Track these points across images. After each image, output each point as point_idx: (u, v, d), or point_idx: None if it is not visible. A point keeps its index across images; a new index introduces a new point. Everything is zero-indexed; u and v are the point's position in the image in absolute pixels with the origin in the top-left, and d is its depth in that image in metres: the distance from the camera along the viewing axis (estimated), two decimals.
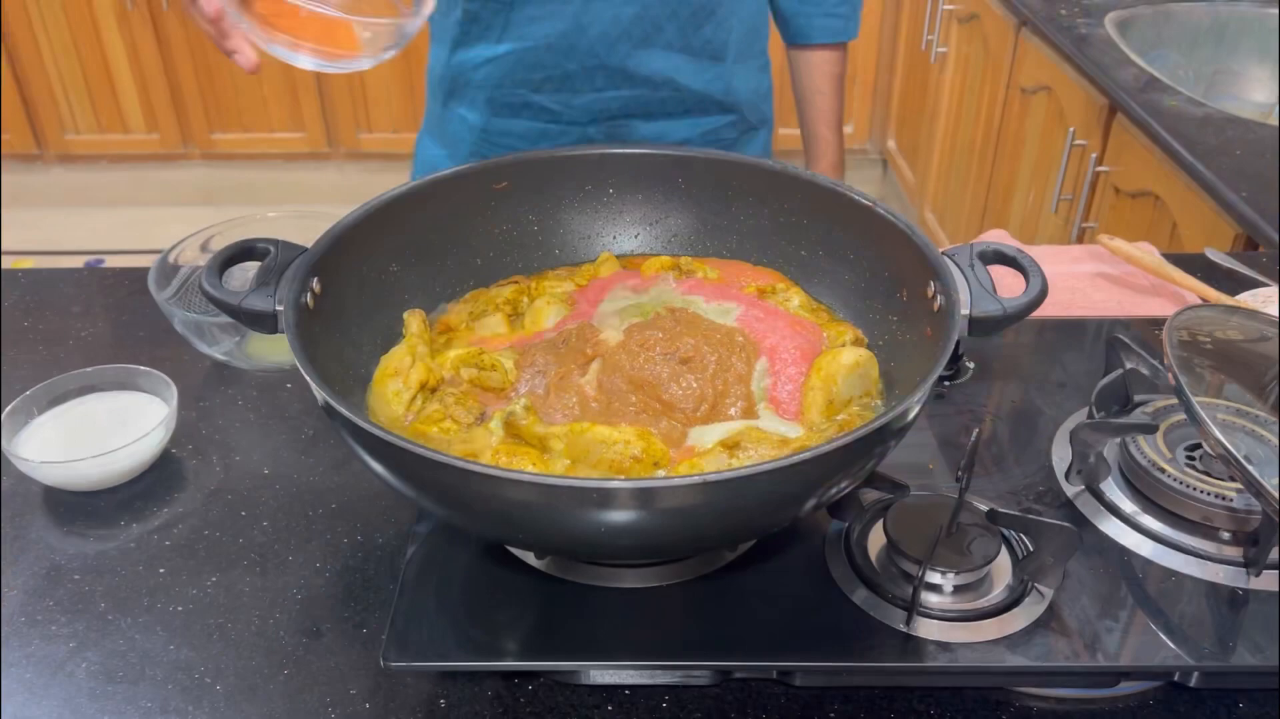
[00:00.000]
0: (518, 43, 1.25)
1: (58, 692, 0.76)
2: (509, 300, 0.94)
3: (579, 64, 1.25)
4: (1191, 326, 0.89)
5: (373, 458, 0.69)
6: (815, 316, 0.93)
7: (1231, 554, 0.81)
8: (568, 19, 1.22)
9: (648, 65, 1.26)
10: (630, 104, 1.29)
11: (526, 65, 1.26)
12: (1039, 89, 2.21)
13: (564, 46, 1.23)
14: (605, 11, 1.21)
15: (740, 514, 0.67)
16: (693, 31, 1.26)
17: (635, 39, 1.24)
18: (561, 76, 1.26)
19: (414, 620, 0.76)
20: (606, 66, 1.25)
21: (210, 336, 1.06)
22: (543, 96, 1.28)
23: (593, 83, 1.26)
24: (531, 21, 1.23)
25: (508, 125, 1.31)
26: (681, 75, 1.28)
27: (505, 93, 1.29)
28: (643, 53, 1.25)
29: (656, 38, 1.24)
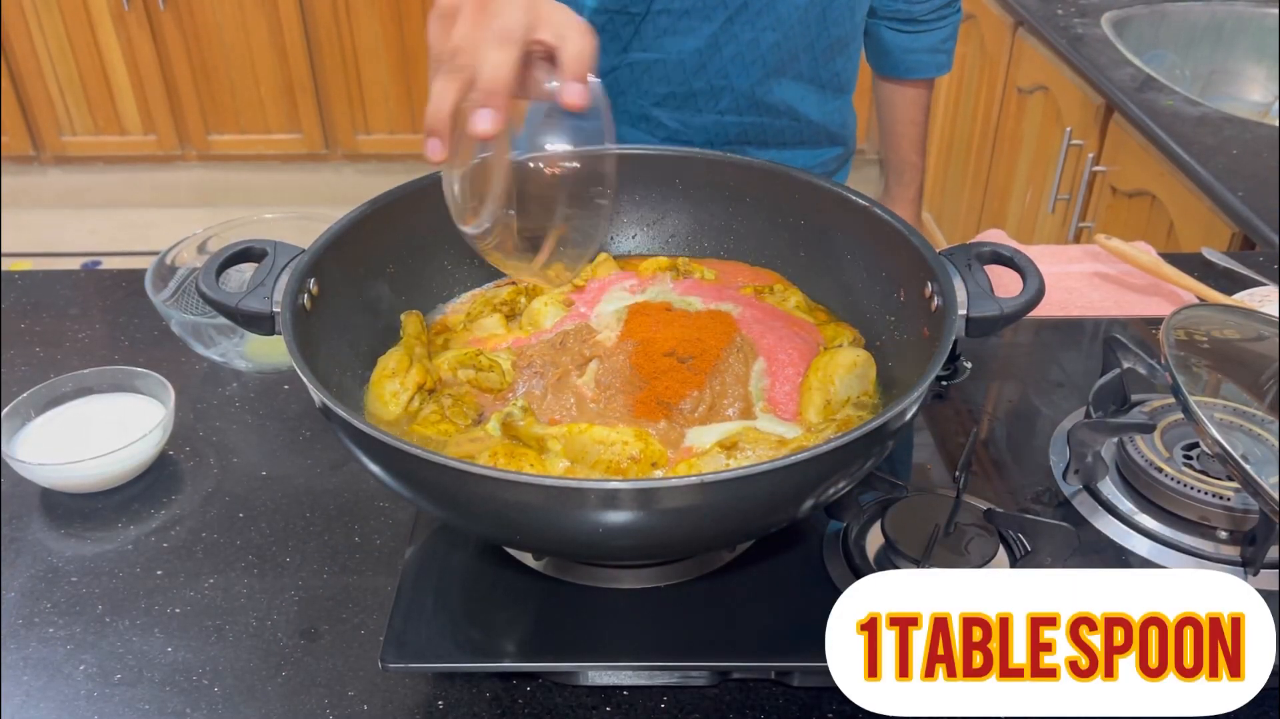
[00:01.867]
0: (645, 54, 1.21)
1: (55, 694, 0.76)
2: (506, 301, 0.94)
3: (707, 83, 1.22)
4: (1189, 326, 0.89)
5: (370, 459, 0.69)
6: (813, 317, 0.93)
7: (1229, 553, 0.81)
8: (704, 37, 1.18)
9: (775, 93, 1.24)
10: (749, 130, 1.27)
11: (652, 78, 1.22)
12: (1036, 89, 2.21)
13: (694, 64, 1.20)
14: (744, 34, 1.18)
15: (738, 515, 0.67)
16: (824, 64, 1.24)
17: (769, 66, 1.21)
18: (685, 94, 1.23)
19: (412, 622, 0.76)
20: (734, 89, 1.22)
21: (207, 338, 1.06)
22: (663, 112, 1.25)
23: (716, 104, 1.24)
24: (663, 35, 1.19)
25: (621, 135, 1.27)
26: (804, 106, 1.27)
27: (626, 102, 1.25)
28: (773, 80, 1.23)
29: (790, 67, 1.22)
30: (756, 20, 1.18)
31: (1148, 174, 1.72)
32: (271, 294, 0.76)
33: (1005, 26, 2.35)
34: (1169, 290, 1.20)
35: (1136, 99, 1.76)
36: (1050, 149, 2.14)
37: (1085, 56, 1.94)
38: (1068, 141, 1.99)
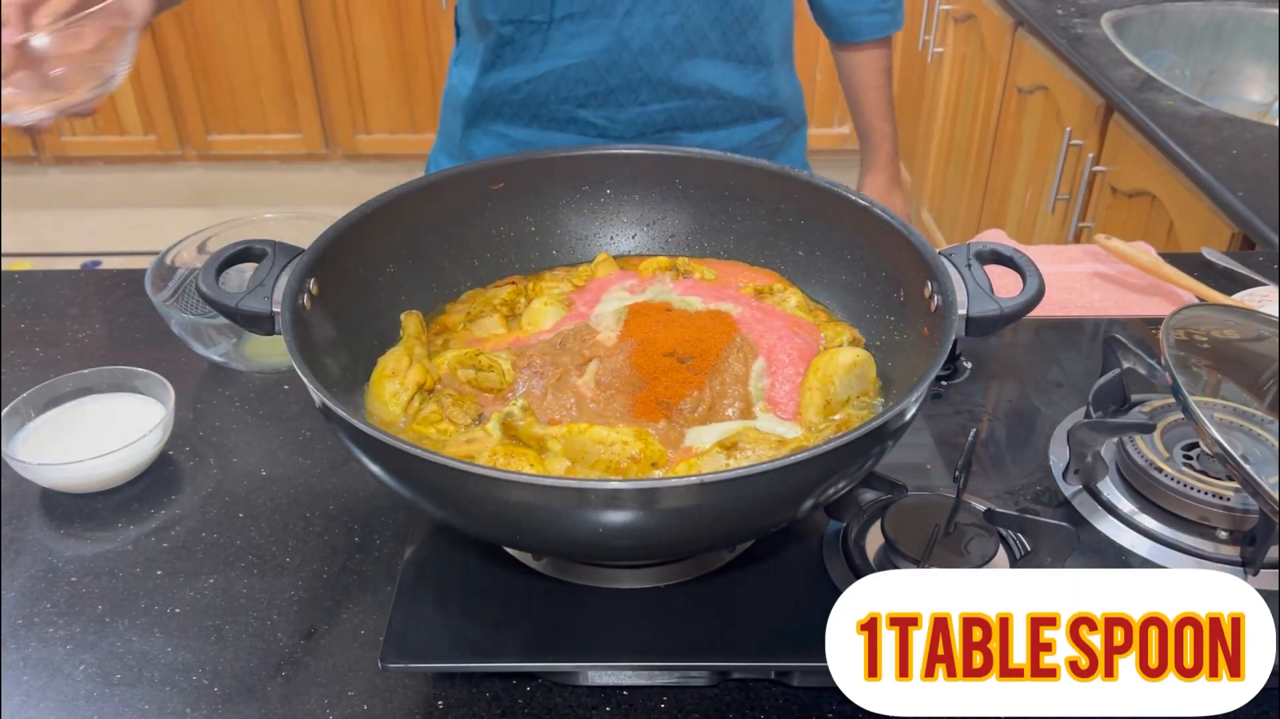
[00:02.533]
0: (557, 61, 1.23)
1: (55, 694, 0.76)
2: (506, 301, 0.94)
3: (622, 78, 1.23)
4: (1188, 326, 0.89)
5: (370, 459, 0.69)
6: (813, 317, 0.93)
7: (1229, 553, 0.81)
8: (609, 34, 1.20)
9: (692, 75, 1.25)
10: (676, 115, 1.28)
11: (569, 82, 1.24)
12: (1036, 89, 2.21)
13: (606, 62, 1.22)
14: (646, 24, 1.20)
15: (738, 515, 0.67)
16: (736, 38, 1.25)
17: (679, 49, 1.22)
18: (605, 92, 1.25)
19: (412, 622, 0.76)
20: (650, 79, 1.24)
21: (207, 338, 1.06)
22: (588, 112, 1.26)
23: (637, 96, 1.25)
24: (571, 39, 1.21)
25: (552, 139, 1.30)
26: (726, 82, 1.27)
27: (550, 109, 1.27)
28: (687, 63, 1.24)
29: (700, 46, 1.23)
30: (655, 7, 1.19)
31: (1148, 174, 1.72)
32: (271, 294, 0.76)
33: (1005, 26, 2.35)
34: (1169, 290, 1.20)
35: (1136, 99, 1.76)
36: (1050, 149, 2.14)
37: (1085, 56, 1.94)
38: (1068, 141, 1.99)
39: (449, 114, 1.38)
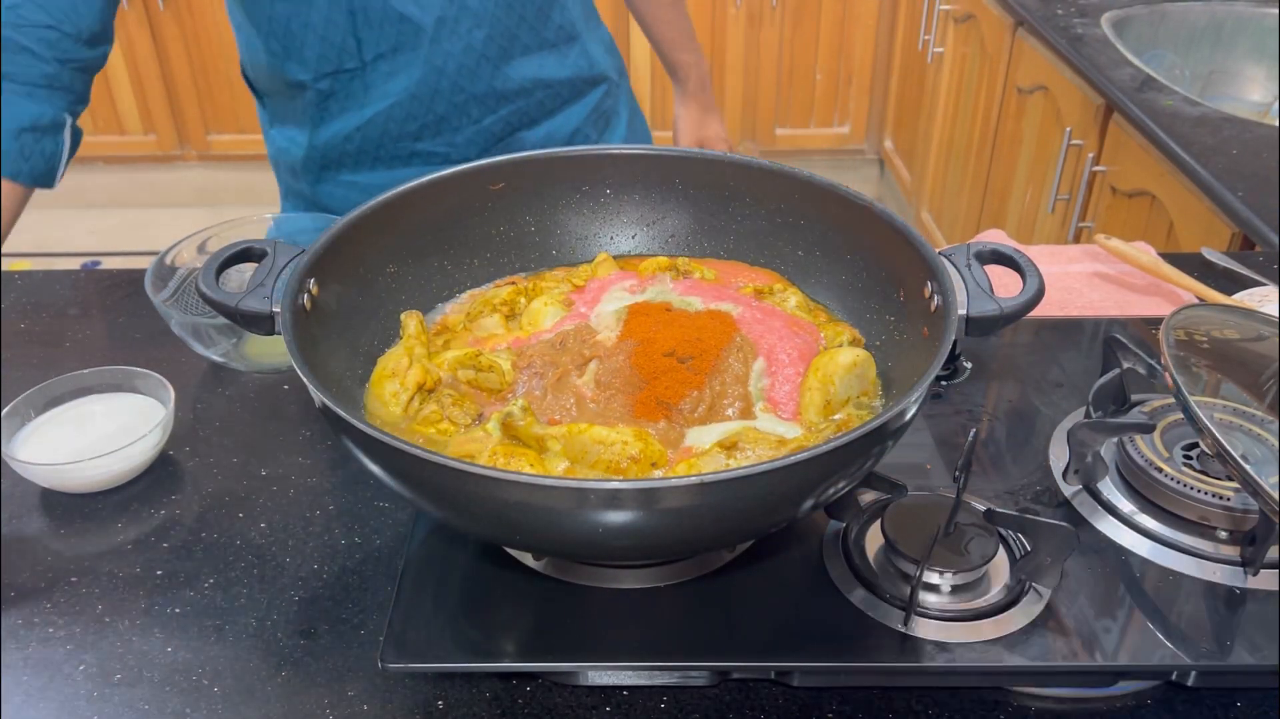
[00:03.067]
0: (381, 102, 1.23)
1: (55, 694, 0.76)
2: (506, 301, 0.94)
3: (447, 103, 1.24)
4: (1188, 326, 0.89)
5: (370, 459, 0.69)
6: (812, 317, 0.93)
7: (1229, 553, 0.81)
8: (421, 64, 1.20)
9: (515, 78, 1.25)
10: (511, 120, 1.28)
11: (398, 119, 1.24)
12: (1035, 89, 2.22)
13: (427, 92, 1.22)
14: (455, 45, 1.20)
15: (738, 515, 0.67)
16: (543, 25, 1.25)
17: (494, 59, 1.23)
18: (436, 120, 1.25)
19: (412, 622, 0.76)
20: (476, 96, 1.24)
21: (207, 338, 1.06)
22: (425, 143, 1.27)
23: (469, 116, 1.26)
24: (388, 78, 1.21)
25: (399, 175, 1.27)
26: (547, 71, 1.27)
27: (388, 148, 1.27)
28: (506, 68, 1.24)
29: (513, 48, 1.24)
30: (458, 27, 1.19)
31: (1147, 174, 1.73)
32: (271, 294, 0.76)
33: (1005, 26, 2.35)
34: (1169, 290, 1.20)
35: (1136, 99, 1.76)
36: (1050, 149, 2.14)
37: (1085, 56, 1.94)
38: (1067, 141, 1.99)
39: (288, 176, 1.37)
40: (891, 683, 0.76)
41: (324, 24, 1.19)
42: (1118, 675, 0.75)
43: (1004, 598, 0.77)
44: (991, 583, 0.78)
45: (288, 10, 1.19)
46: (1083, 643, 0.74)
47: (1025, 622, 0.75)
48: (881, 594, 0.77)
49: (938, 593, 0.77)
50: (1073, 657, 0.73)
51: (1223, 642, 0.75)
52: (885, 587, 0.78)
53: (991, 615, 0.76)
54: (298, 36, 1.20)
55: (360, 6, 1.18)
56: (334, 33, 1.19)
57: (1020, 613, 0.76)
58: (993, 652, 0.73)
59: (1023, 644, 0.74)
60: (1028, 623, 0.75)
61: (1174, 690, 0.76)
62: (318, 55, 1.21)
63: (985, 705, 0.75)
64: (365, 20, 1.18)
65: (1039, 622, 0.75)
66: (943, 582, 0.77)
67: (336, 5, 1.17)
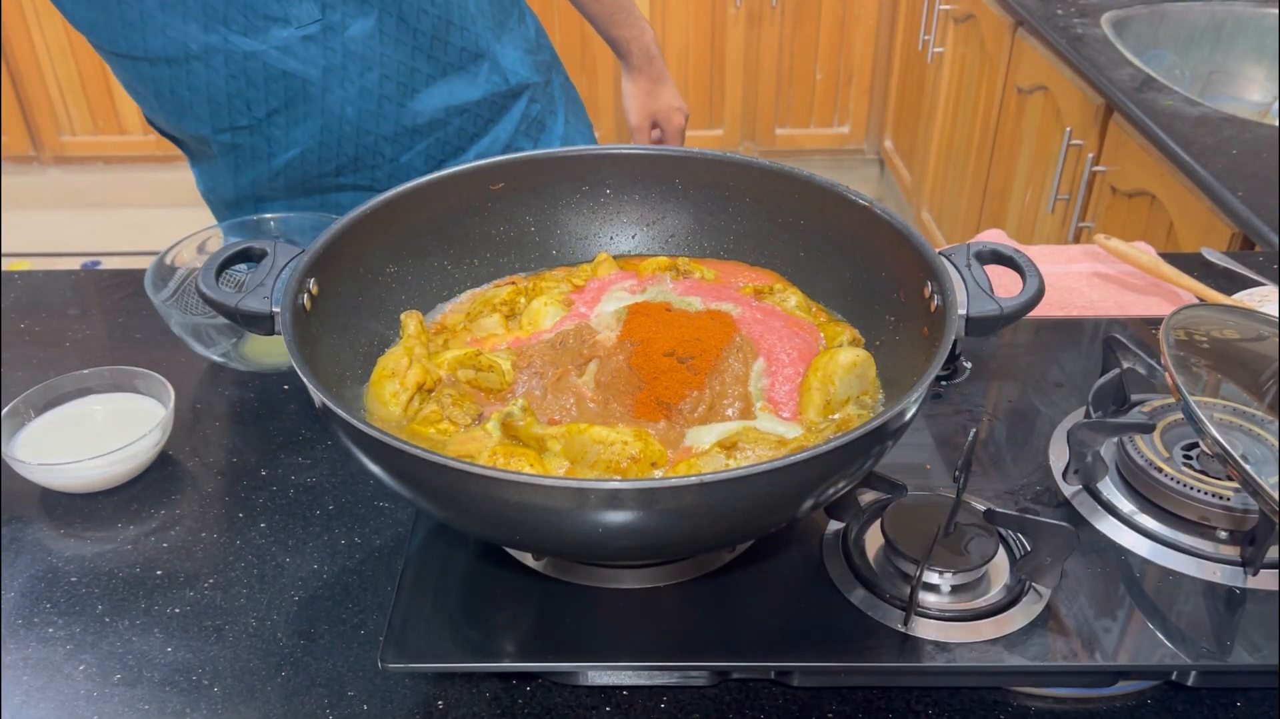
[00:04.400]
0: (289, 150, 1.20)
1: (55, 694, 0.76)
2: (506, 301, 0.94)
3: (355, 146, 1.19)
4: (1188, 326, 0.89)
5: (370, 459, 0.69)
6: (812, 317, 0.93)
7: (1229, 553, 0.81)
8: (317, 114, 1.17)
9: (423, 111, 1.20)
10: (431, 152, 1.23)
11: (313, 163, 1.21)
12: (1035, 89, 2.22)
13: (332, 140, 1.18)
14: (350, 91, 1.16)
15: (738, 515, 0.67)
16: (441, 52, 1.19)
17: (396, 98, 1.18)
18: (350, 161, 1.21)
19: (412, 622, 0.76)
20: (386, 137, 1.19)
21: (207, 338, 1.06)
22: (348, 178, 1.24)
23: (382, 155, 1.21)
24: (288, 129, 1.18)
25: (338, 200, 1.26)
26: (458, 96, 1.22)
27: (314, 183, 1.24)
28: (411, 103, 1.19)
29: (415, 81, 1.18)
30: (347, 73, 1.15)
31: (1147, 174, 1.73)
32: (271, 294, 0.76)
33: (1005, 26, 2.35)
34: (1169, 290, 1.20)
35: (1136, 99, 1.76)
36: (1050, 149, 2.14)
37: (1085, 56, 1.94)
38: (1067, 141, 1.99)
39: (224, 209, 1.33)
40: (891, 683, 0.76)
41: (206, 87, 1.14)
42: (1118, 675, 0.75)
43: (1004, 598, 0.77)
44: (991, 583, 0.78)
45: (170, 74, 1.14)
46: (1082, 643, 0.74)
47: (1025, 622, 0.75)
48: (881, 594, 0.77)
49: (938, 593, 0.77)
50: (1073, 657, 0.73)
51: (1223, 642, 0.75)
52: (885, 587, 0.78)
53: (991, 615, 0.76)
54: (184, 99, 1.16)
55: (240, 70, 1.13)
56: (218, 95, 1.15)
57: (1020, 613, 0.76)
58: (993, 652, 0.73)
59: (1023, 644, 0.74)
60: (1028, 623, 0.75)
61: (1174, 691, 0.76)
62: (210, 114, 1.17)
63: (985, 705, 0.75)
64: (248, 81, 1.14)
65: (1039, 622, 0.75)
66: (943, 582, 0.77)
67: (214, 69, 1.13)
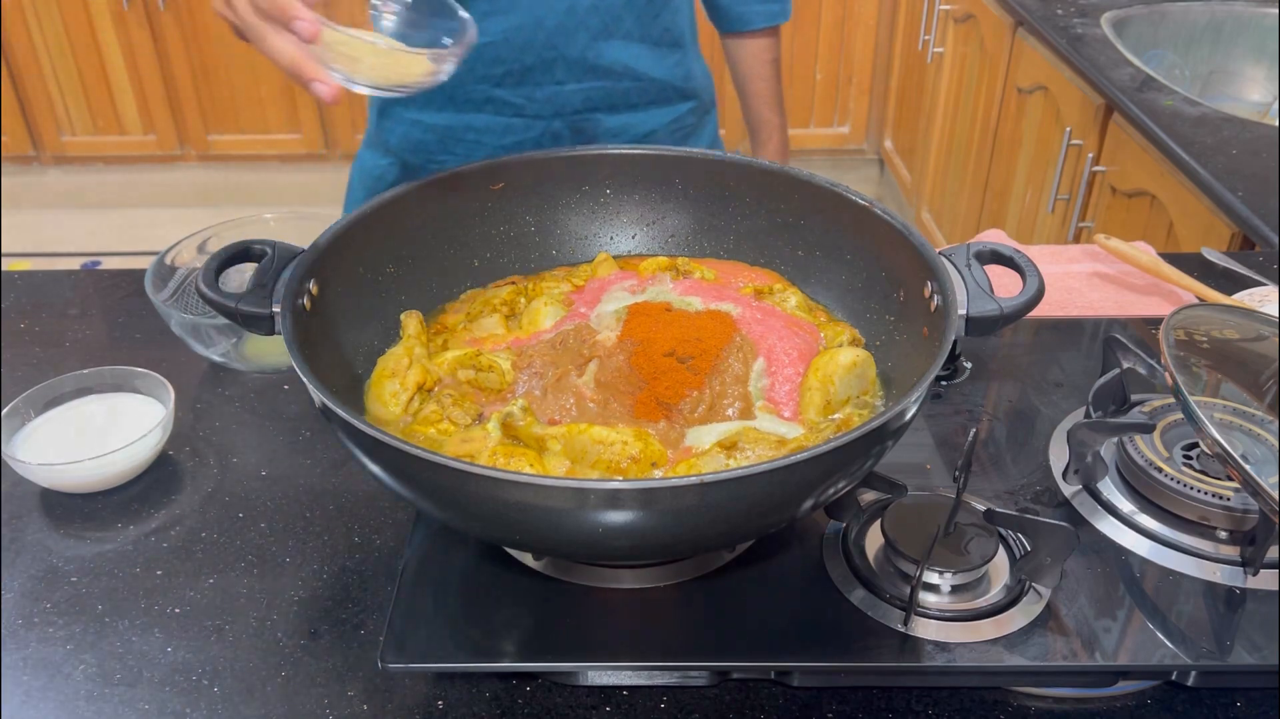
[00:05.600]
0: None
1: (55, 694, 0.76)
2: (506, 301, 0.94)
3: (537, 57, 1.23)
4: (1188, 326, 0.89)
5: (370, 459, 0.69)
6: (812, 317, 0.93)
7: (1229, 553, 0.81)
8: (522, 12, 1.20)
9: (607, 56, 1.25)
10: (593, 96, 1.28)
11: (485, 61, 1.23)
12: (1035, 89, 2.22)
13: (520, 41, 1.22)
14: (560, 3, 1.20)
15: (738, 515, 0.67)
16: (650, 20, 1.25)
17: (593, 30, 1.22)
18: (521, 70, 1.24)
19: (412, 622, 0.76)
20: (565, 58, 1.23)
21: (207, 338, 1.06)
22: (504, 91, 1.26)
23: (553, 75, 1.25)
24: (484, 18, 1.19)
25: (470, 120, 1.29)
26: (642, 64, 1.27)
27: (467, 89, 1.27)
28: (602, 44, 1.24)
29: (615, 28, 1.23)
30: None
31: (1147, 174, 1.73)
32: (271, 294, 0.76)
33: (1005, 26, 2.35)
34: (1169, 290, 1.20)
35: (1136, 99, 1.76)
36: (1050, 149, 2.14)
37: (1085, 56, 1.94)
38: (1067, 141, 1.99)
39: (370, 105, 1.37)
40: (891, 683, 0.76)
41: None
42: (1118, 675, 0.75)
43: (1004, 598, 0.77)
44: (991, 583, 0.78)
45: None
46: (1083, 643, 0.74)
47: (1025, 622, 0.75)
48: (881, 594, 0.77)
49: (938, 593, 0.77)
50: (1073, 657, 0.73)
51: (1223, 642, 0.75)
52: (885, 587, 0.78)
53: (991, 615, 0.76)
54: None
55: None
56: None
57: (1020, 613, 0.76)
58: (993, 652, 0.73)
59: (1022, 644, 0.74)
60: (1028, 623, 0.75)
61: (1174, 690, 0.76)
62: None
63: (985, 705, 0.75)
64: None
65: (1039, 622, 0.75)
66: (943, 582, 0.77)
67: None
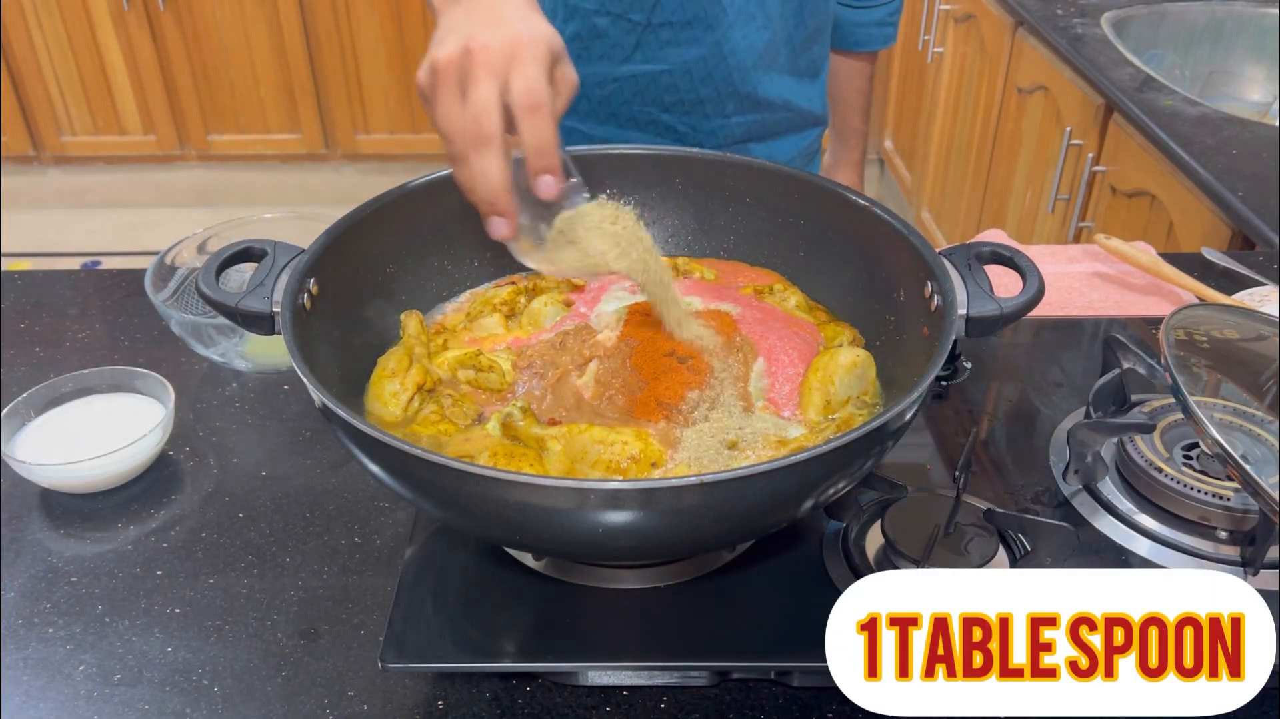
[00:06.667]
0: (650, 65, 1.23)
1: (55, 694, 0.76)
2: (506, 301, 0.94)
3: (714, 90, 1.24)
4: (1188, 326, 0.89)
5: (370, 459, 0.69)
6: (812, 317, 0.93)
7: (1229, 553, 0.81)
8: (708, 46, 1.21)
9: (769, 89, 1.27)
10: (753, 128, 1.30)
11: (659, 88, 1.24)
12: (1035, 89, 2.21)
13: (702, 73, 1.23)
14: (743, 39, 1.21)
15: (738, 515, 0.67)
16: (803, 53, 1.28)
17: (764, 64, 1.25)
18: (695, 101, 1.25)
19: (412, 622, 0.76)
20: (739, 92, 1.25)
21: (207, 338, 1.06)
22: (672, 117, 1.27)
23: (723, 108, 1.26)
24: (667, 45, 1.21)
25: (629, 137, 1.30)
26: (794, 96, 1.30)
27: (633, 110, 1.27)
28: (765, 77, 1.26)
29: (776, 62, 1.26)
30: (751, 23, 1.20)
31: (1147, 174, 1.73)
32: (271, 294, 0.76)
33: (1005, 26, 2.35)
34: (1169, 290, 1.20)
35: (1136, 99, 1.76)
36: (1050, 149, 2.14)
37: (1085, 56, 1.94)
38: (1067, 141, 1.99)
39: None
40: None
41: None
42: None
43: None
44: None
45: None
46: None
47: None
48: None
49: None
50: None
51: None
52: None
53: None
54: None
55: None
56: None
57: None
58: None
59: None
60: None
61: None
62: None
63: None
64: None
65: None
66: None
67: None
